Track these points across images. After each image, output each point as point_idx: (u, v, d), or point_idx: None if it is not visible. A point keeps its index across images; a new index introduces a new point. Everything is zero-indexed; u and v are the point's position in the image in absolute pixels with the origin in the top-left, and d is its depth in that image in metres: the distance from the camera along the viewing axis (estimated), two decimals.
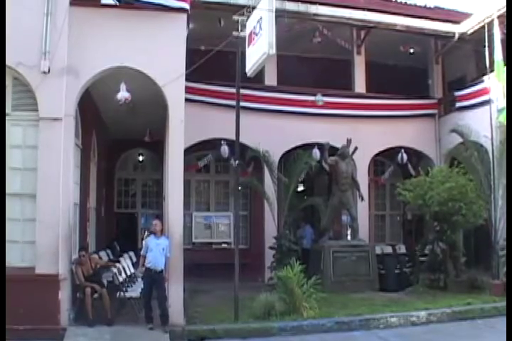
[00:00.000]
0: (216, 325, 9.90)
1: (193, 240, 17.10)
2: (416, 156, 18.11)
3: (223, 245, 17.15)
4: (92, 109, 13.12)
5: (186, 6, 10.94)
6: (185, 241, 11.94)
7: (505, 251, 13.57)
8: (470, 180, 14.06)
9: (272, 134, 15.73)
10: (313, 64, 18.63)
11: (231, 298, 10.59)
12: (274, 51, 10.16)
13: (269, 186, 14.85)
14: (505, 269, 13.40)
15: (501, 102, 14.15)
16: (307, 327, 10.16)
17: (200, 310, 10.99)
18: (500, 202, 14.06)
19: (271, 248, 14.43)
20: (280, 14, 13.52)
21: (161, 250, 9.89)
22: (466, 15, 17.91)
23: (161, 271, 9.85)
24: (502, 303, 11.82)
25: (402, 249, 15.99)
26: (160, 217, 13.10)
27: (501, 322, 10.64)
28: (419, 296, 12.83)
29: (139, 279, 11.05)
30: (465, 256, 14.91)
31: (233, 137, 11.56)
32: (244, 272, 11.40)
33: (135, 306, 10.44)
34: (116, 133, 16.71)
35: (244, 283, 11.17)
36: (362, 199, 15.75)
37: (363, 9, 16.89)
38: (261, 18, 10.49)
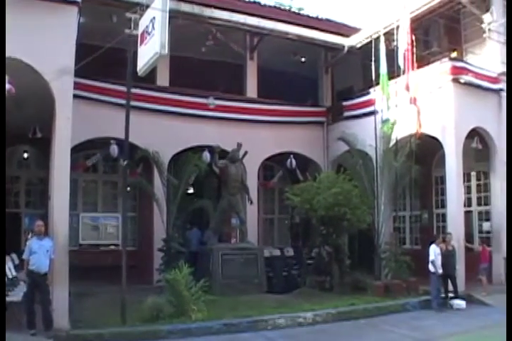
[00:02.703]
0: (103, 328, 9.59)
1: (80, 241, 16.49)
2: (304, 162, 18.56)
3: (111, 247, 16.65)
4: None
5: None
6: (71, 242, 11.56)
7: (386, 254, 14.23)
8: (355, 186, 14.57)
9: (162, 135, 15.49)
10: (206, 66, 18.70)
11: (119, 301, 10.27)
12: (166, 51, 10.11)
13: (159, 188, 14.58)
14: (386, 271, 14.07)
15: (385, 113, 14.84)
16: (195, 330, 10.11)
17: (87, 314, 10.60)
18: (383, 207, 14.72)
19: (160, 250, 14.18)
20: (174, 15, 13.45)
21: (44, 252, 9.48)
22: (355, 30, 18.81)
23: (45, 274, 9.43)
24: (383, 303, 12.55)
25: (289, 251, 16.35)
26: (45, 217, 12.47)
27: (383, 321, 11.29)
28: (306, 298, 13.03)
29: (21, 282, 10.44)
30: (350, 258, 15.44)
31: (123, 136, 11.30)
32: (132, 274, 11.11)
33: (16, 311, 9.80)
34: None
35: (133, 286, 10.91)
36: (251, 202, 15.89)
37: (258, 16, 17.12)
38: (154, 17, 10.41)
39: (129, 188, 15.27)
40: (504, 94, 15.27)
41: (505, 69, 15.65)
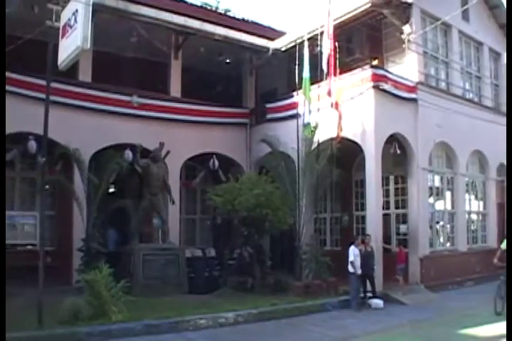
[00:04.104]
0: (18, 332, 9.08)
1: None
2: (227, 163, 18.59)
3: (28, 246, 15.93)
4: None
5: None
6: None
7: (307, 255, 14.46)
8: (277, 187, 14.75)
9: (83, 132, 15.03)
10: (130, 63, 18.39)
11: (36, 303, 9.84)
12: (88, 46, 9.82)
13: (79, 186, 14.20)
14: (307, 271, 14.30)
15: (307, 117, 15.04)
16: (116, 331, 9.88)
17: None
18: (304, 209, 14.93)
19: (79, 250, 13.79)
20: (98, 9, 13.14)
21: None
22: (280, 34, 19.10)
23: None
24: (304, 303, 12.74)
25: (211, 252, 16.38)
26: None
27: (303, 321, 11.51)
28: (228, 298, 13.06)
29: None
30: (271, 259, 15.60)
31: (42, 132, 10.85)
32: (50, 275, 10.69)
33: None
34: None
35: (51, 287, 10.52)
36: (173, 202, 15.80)
37: (184, 15, 17.01)
38: (77, 10, 10.07)
39: (47, 186, 14.77)
40: (421, 102, 15.90)
41: (422, 79, 16.37)
